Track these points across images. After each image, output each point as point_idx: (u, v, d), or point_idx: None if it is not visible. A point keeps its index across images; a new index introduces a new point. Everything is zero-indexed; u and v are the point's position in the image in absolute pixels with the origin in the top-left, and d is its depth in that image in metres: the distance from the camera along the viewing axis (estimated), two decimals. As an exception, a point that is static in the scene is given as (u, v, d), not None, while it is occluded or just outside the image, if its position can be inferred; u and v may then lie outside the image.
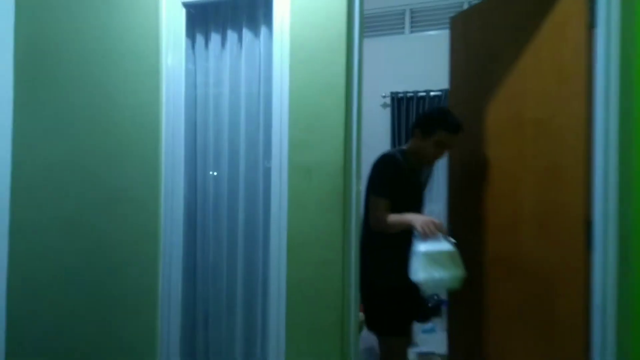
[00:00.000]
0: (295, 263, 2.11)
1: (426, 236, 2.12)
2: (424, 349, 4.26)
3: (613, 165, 1.71)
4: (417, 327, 4.64)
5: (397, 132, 5.38)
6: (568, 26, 1.87)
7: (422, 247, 2.11)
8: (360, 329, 3.83)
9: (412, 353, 4.05)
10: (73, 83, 2.50)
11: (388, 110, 5.53)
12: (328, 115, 2.05)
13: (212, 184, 2.40)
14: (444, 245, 2.11)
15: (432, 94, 5.21)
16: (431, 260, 2.08)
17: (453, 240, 2.42)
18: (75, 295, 2.48)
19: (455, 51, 2.66)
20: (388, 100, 5.54)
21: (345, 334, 2.04)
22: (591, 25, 1.78)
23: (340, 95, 2.03)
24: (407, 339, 2.52)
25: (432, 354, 4.04)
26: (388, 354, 2.46)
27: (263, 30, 2.29)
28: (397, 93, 5.47)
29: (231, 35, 2.36)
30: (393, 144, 5.37)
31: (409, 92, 5.39)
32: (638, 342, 1.64)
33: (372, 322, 2.48)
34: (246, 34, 2.33)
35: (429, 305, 4.91)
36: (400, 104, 5.46)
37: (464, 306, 2.52)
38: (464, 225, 2.52)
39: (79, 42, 2.49)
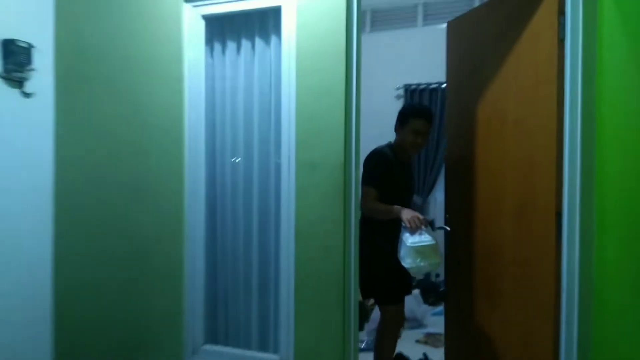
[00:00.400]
0: (303, 247, 2.39)
1: (412, 229, 2.46)
2: (432, 329, 4.53)
3: (578, 163, 1.93)
4: (427, 310, 4.90)
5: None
6: (542, 38, 2.08)
7: (409, 240, 2.49)
8: (370, 312, 4.11)
9: (420, 333, 4.31)
10: (108, 85, 2.81)
11: (401, 102, 5.72)
12: (329, 117, 2.30)
13: (229, 177, 2.70)
14: (426, 239, 2.50)
15: (443, 85, 5.38)
16: (416, 252, 2.48)
17: (447, 228, 2.70)
18: (113, 274, 2.82)
19: (450, 53, 2.88)
20: (401, 92, 5.73)
21: (347, 309, 2.32)
22: (561, 38, 1.99)
23: (339, 100, 2.28)
24: (401, 306, 2.79)
25: (440, 334, 4.31)
26: (387, 318, 2.80)
27: (273, 39, 2.55)
28: (410, 85, 5.65)
29: (245, 43, 2.63)
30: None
31: (422, 84, 5.57)
32: (598, 315, 1.87)
33: (373, 293, 2.77)
34: (258, 42, 2.60)
35: (440, 290, 5.17)
36: (413, 95, 5.64)
37: (458, 287, 2.77)
38: (458, 214, 2.75)
39: (112, 49, 2.80)
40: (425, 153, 5.42)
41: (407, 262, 2.49)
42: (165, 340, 2.68)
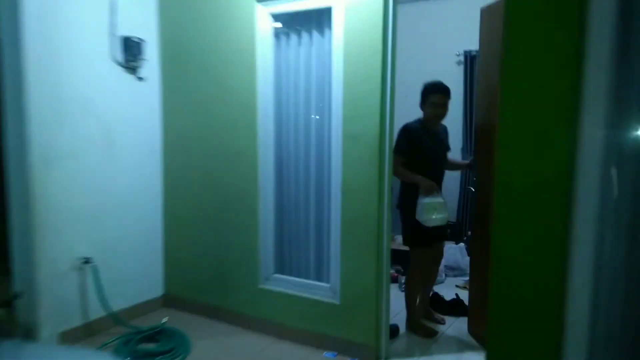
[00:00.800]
0: (347, 202, 3.03)
1: (427, 193, 3.14)
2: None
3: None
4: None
5: (470, 87, 5.86)
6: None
7: (425, 200, 3.15)
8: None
9: (461, 280, 4.78)
10: (199, 72, 3.56)
11: (462, 68, 6.02)
12: (369, 99, 2.87)
13: (292, 145, 3.36)
14: (438, 199, 3.16)
15: (501, 52, 5.60)
16: (430, 207, 3.13)
17: (472, 189, 3.22)
18: (206, 218, 3.65)
19: (482, 36, 3.28)
20: (462, 58, 6.01)
21: (380, 249, 2.95)
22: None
23: (377, 84, 2.83)
24: (429, 251, 3.40)
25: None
26: (414, 259, 3.41)
27: (327, 32, 3.12)
28: (471, 51, 5.91)
29: (305, 36, 3.23)
30: (466, 98, 5.88)
31: (482, 51, 5.82)
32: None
33: (405, 240, 3.40)
34: (315, 35, 3.19)
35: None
36: (473, 61, 5.91)
37: (480, 239, 3.28)
38: (483, 176, 3.23)
39: (202, 44, 3.52)
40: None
41: (422, 216, 3.14)
42: (245, 269, 3.48)
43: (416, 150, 3.23)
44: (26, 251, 3.08)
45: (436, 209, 3.14)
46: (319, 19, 3.14)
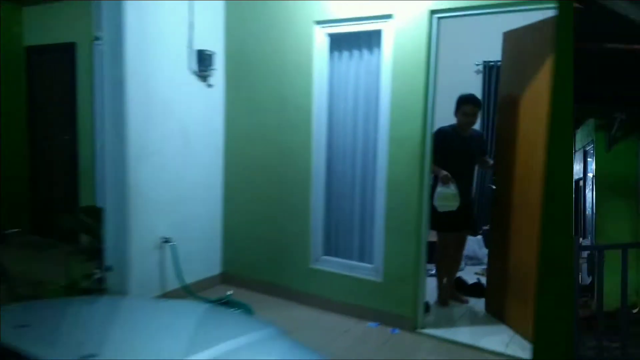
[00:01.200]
0: (391, 195, 3.59)
1: (443, 183, 3.71)
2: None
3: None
4: (486, 252, 5.88)
5: (487, 95, 6.40)
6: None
7: (439, 188, 3.73)
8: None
9: (479, 268, 5.32)
10: (260, 81, 4.13)
11: (480, 77, 6.55)
12: (412, 108, 3.42)
13: (342, 146, 3.92)
14: (450, 190, 3.74)
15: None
16: (442, 196, 3.72)
17: (493, 186, 3.77)
18: (262, 207, 4.22)
19: (505, 55, 3.83)
20: (481, 68, 6.54)
21: (418, 235, 3.50)
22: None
23: (420, 96, 3.39)
24: (450, 235, 3.98)
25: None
26: (439, 241, 4.02)
27: (375, 51, 3.67)
28: (489, 62, 6.44)
29: (356, 53, 3.79)
30: (484, 104, 6.39)
31: (499, 61, 6.34)
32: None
33: (433, 224, 3.92)
34: (365, 53, 3.75)
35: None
36: (491, 71, 6.44)
37: (498, 230, 3.83)
38: (503, 175, 3.77)
39: (263, 56, 4.08)
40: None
41: (436, 202, 3.74)
42: (297, 252, 4.05)
43: (445, 150, 3.79)
44: (119, 231, 3.67)
45: (447, 198, 3.73)
46: (370, 39, 3.70)
